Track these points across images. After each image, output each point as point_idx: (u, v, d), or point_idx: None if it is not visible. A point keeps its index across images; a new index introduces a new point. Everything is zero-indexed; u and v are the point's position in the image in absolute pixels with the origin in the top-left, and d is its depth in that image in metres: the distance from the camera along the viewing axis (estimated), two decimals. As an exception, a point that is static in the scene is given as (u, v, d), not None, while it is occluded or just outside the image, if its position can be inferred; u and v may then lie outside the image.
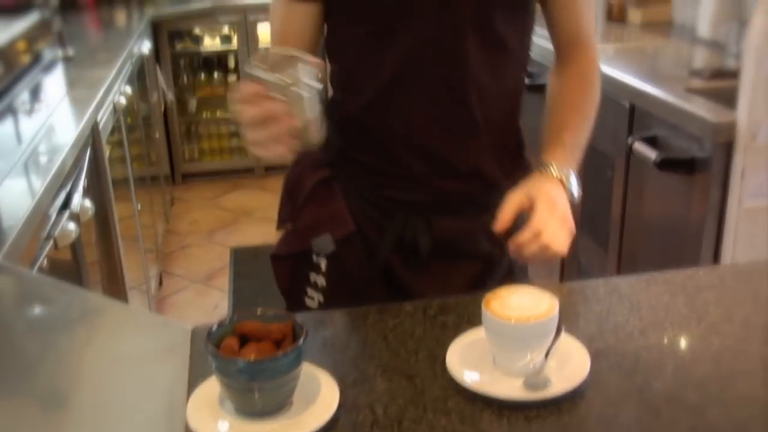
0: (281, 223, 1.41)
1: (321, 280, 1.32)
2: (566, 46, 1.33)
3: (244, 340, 0.87)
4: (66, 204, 1.83)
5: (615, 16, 3.44)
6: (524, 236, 1.09)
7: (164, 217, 3.96)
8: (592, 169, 2.58)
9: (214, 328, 0.88)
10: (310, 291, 1.34)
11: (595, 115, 1.31)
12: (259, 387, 0.84)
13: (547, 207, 1.11)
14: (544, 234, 1.08)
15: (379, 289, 1.31)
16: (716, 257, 2.08)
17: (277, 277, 1.40)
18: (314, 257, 1.32)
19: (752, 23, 1.92)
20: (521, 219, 1.13)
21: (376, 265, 1.31)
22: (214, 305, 3.36)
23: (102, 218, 2.27)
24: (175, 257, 3.83)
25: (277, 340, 0.87)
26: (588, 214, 2.57)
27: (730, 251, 2.04)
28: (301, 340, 0.85)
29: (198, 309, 3.34)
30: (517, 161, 1.36)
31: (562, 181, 1.18)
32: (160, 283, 3.49)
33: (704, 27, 3.02)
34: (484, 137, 1.27)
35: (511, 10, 1.23)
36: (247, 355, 0.84)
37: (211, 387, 0.89)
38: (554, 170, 1.19)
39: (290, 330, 0.88)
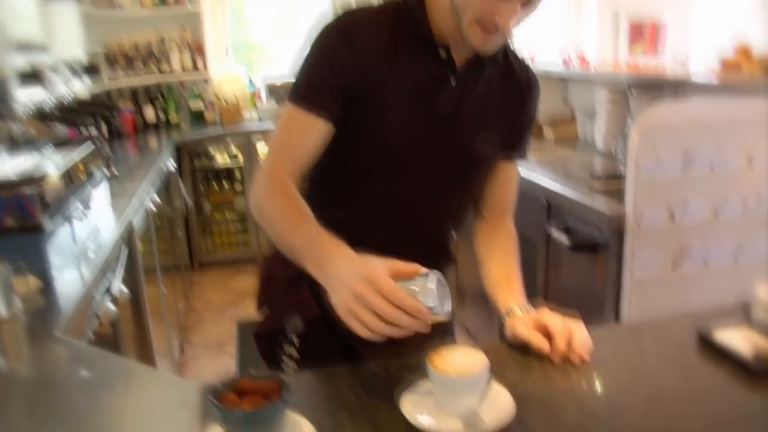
0: (260, 307, 1.42)
1: (294, 353, 1.33)
2: (497, 212, 1.39)
3: (241, 394, 0.88)
4: (108, 289, 1.85)
5: (534, 134, 3.56)
6: (561, 346, 1.11)
7: (185, 297, 3.93)
8: (520, 251, 2.62)
9: (218, 385, 0.88)
10: (285, 360, 1.33)
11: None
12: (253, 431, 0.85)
13: (557, 318, 1.15)
14: (574, 336, 1.12)
15: (340, 359, 1.29)
16: (617, 316, 2.12)
17: (260, 351, 1.40)
18: (288, 335, 1.33)
19: (630, 138, 2.01)
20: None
21: (338, 340, 1.29)
22: (224, 368, 3.32)
23: (135, 300, 2.28)
24: (194, 330, 3.78)
25: (266, 394, 0.87)
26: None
27: (626, 311, 2.08)
28: (285, 394, 0.86)
29: (212, 371, 3.29)
30: (447, 252, 1.41)
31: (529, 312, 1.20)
32: (182, 350, 3.45)
33: (600, 141, 3.14)
34: (432, 245, 1.34)
35: (483, 170, 1.32)
36: (244, 406, 0.85)
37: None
38: (524, 308, 1.22)
39: (277, 386, 0.88)
